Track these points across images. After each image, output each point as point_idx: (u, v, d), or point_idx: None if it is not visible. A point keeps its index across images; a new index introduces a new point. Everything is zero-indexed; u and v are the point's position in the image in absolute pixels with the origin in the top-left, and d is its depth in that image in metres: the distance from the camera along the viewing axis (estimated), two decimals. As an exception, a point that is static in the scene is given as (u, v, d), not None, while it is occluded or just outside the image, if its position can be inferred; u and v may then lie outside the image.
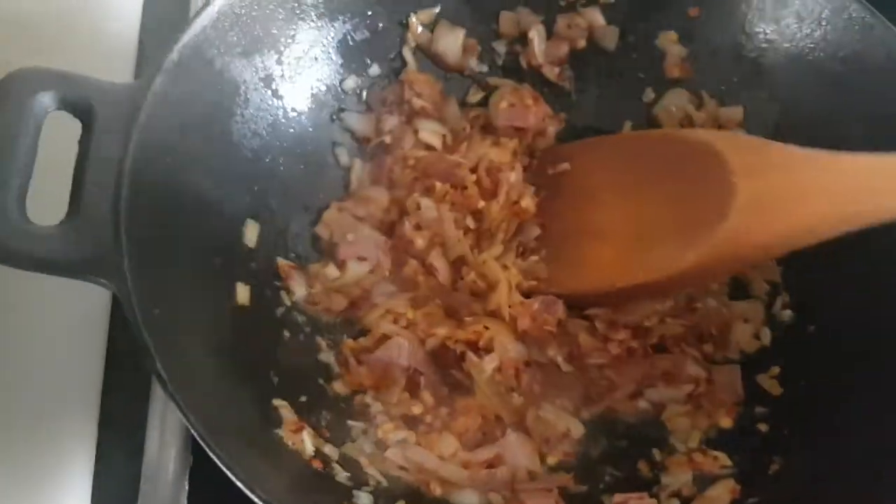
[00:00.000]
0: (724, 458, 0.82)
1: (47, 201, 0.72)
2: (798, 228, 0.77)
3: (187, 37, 0.79)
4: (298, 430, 0.77)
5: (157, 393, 0.89)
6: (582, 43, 1.00)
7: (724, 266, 0.85)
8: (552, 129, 1.00)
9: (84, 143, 0.74)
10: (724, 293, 0.92)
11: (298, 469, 0.75)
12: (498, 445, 0.82)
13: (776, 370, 0.88)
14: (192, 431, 0.65)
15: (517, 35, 1.01)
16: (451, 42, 1.00)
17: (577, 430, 0.85)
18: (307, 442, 0.77)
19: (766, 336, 0.90)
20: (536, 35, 1.00)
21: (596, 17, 1.00)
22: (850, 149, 0.76)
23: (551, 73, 1.02)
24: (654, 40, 0.99)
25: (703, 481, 0.81)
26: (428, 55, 1.00)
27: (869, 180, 0.74)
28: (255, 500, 0.64)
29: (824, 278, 0.87)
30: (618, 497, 0.79)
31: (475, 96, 1.02)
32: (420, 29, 0.99)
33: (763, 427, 0.85)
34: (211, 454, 0.64)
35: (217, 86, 0.84)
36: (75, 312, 0.91)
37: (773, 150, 0.80)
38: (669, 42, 0.99)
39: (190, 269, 0.78)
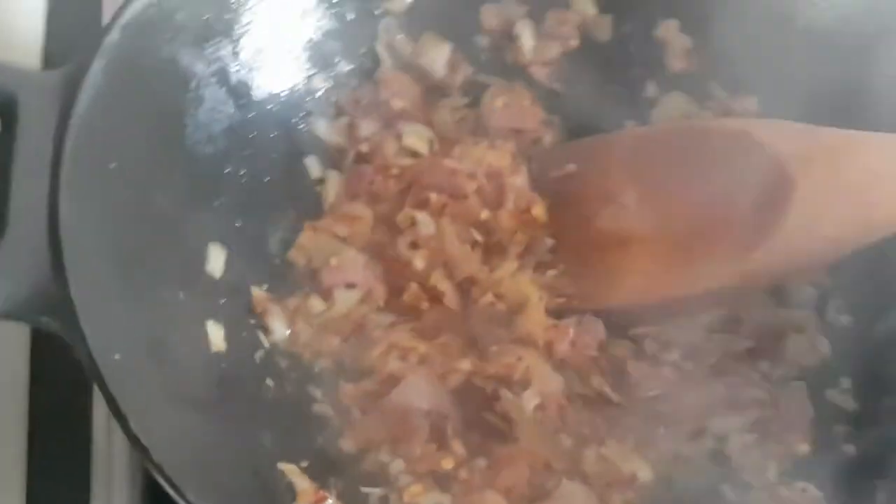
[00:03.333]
0: (812, 490, 0.71)
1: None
2: (873, 218, 0.69)
3: (129, 15, 0.69)
4: (320, 501, 0.61)
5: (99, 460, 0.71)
6: (574, 42, 0.90)
7: (786, 266, 0.74)
8: (548, 136, 0.88)
9: (6, 143, 0.61)
10: (770, 301, 0.81)
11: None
12: (553, 500, 0.67)
13: (846, 382, 0.77)
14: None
15: (501, 30, 0.91)
16: (437, 56, 0.87)
17: (645, 473, 0.71)
18: None
19: (825, 345, 0.79)
20: (525, 30, 0.90)
21: (587, 5, 0.90)
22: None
23: (541, 73, 0.90)
24: (654, 30, 0.89)
25: (798, 519, 0.70)
26: (408, 68, 0.88)
27: None
28: None
29: (880, 273, 0.77)
30: None
31: (460, 99, 0.89)
32: (397, 33, 0.87)
33: (850, 448, 0.74)
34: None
35: (165, 77, 0.73)
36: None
37: (824, 133, 0.72)
38: (671, 32, 0.89)
39: (150, 303, 0.64)
